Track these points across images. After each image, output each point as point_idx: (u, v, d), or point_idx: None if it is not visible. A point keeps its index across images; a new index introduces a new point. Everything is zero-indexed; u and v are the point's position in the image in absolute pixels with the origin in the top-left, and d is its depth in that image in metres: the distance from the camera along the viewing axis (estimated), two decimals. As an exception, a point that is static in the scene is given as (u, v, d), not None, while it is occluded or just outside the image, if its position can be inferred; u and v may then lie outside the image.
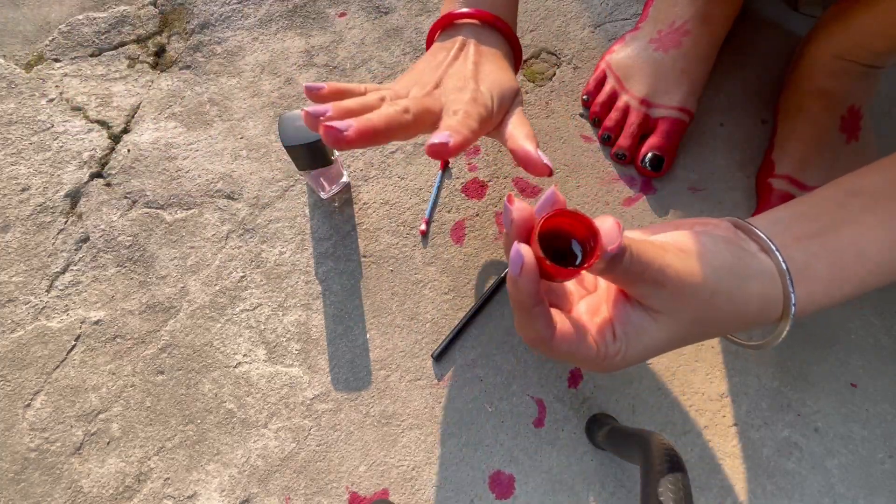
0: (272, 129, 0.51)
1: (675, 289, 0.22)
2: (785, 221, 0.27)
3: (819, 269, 0.25)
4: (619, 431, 0.38)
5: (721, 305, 0.24)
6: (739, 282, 0.24)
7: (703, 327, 0.24)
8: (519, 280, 0.21)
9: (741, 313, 0.25)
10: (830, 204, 0.27)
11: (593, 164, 0.51)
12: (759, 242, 0.26)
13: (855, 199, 0.27)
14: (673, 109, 0.48)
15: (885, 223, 0.26)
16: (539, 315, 0.22)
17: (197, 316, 0.46)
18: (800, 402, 0.45)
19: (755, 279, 0.24)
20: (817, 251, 0.25)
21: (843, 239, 0.26)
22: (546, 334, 0.23)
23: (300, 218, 0.49)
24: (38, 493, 0.42)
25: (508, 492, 0.42)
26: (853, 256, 0.25)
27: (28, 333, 0.46)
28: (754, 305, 0.24)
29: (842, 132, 0.47)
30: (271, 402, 0.44)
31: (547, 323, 0.23)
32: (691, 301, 0.23)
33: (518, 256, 0.21)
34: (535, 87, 0.53)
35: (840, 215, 0.26)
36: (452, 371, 0.45)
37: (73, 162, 0.50)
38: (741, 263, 0.24)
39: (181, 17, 0.55)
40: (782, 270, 0.25)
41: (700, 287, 0.23)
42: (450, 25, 0.37)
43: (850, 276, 0.26)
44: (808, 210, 0.27)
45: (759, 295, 0.24)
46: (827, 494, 0.43)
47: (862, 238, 0.26)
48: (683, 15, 0.49)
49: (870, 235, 0.26)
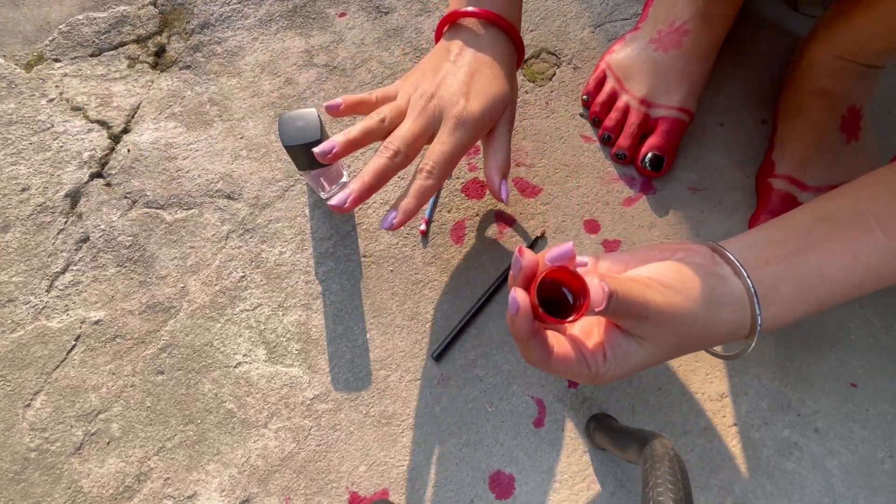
0: (272, 129, 0.51)
1: (657, 321, 0.26)
2: (758, 245, 0.30)
3: (783, 291, 0.28)
4: (619, 431, 0.38)
5: (697, 331, 0.27)
6: (715, 309, 0.27)
7: (681, 349, 0.28)
8: (515, 320, 0.25)
9: (715, 335, 0.28)
10: (800, 229, 0.30)
11: (593, 164, 0.51)
12: (732, 267, 0.29)
13: (822, 225, 0.30)
14: (673, 109, 0.48)
15: (846, 248, 0.28)
16: (535, 345, 0.26)
17: (197, 316, 0.46)
18: (800, 402, 0.45)
19: (728, 307, 0.28)
20: (783, 274, 0.28)
21: (808, 262, 0.29)
22: (543, 358, 0.26)
23: (300, 218, 0.49)
24: (38, 493, 0.42)
25: (508, 492, 0.42)
26: (816, 279, 0.28)
27: (28, 333, 0.46)
28: (726, 328, 0.28)
29: (842, 132, 0.47)
30: (271, 402, 0.44)
31: (543, 350, 0.26)
32: (672, 329, 0.26)
33: (514, 302, 0.25)
34: (535, 87, 0.53)
35: (807, 240, 0.29)
36: (452, 371, 0.45)
37: (73, 162, 0.50)
38: (716, 292, 0.27)
39: (181, 17, 0.55)
40: (751, 294, 0.28)
41: (679, 318, 0.26)
42: (455, 23, 0.39)
43: (812, 297, 0.29)
44: (779, 234, 0.30)
45: (730, 320, 0.28)
46: (827, 494, 0.43)
47: (824, 262, 0.28)
48: (683, 15, 0.49)
49: (831, 259, 0.28)
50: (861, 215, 0.29)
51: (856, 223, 0.29)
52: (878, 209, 0.29)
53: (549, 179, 0.50)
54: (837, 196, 0.31)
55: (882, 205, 0.29)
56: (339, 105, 0.37)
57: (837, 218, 0.30)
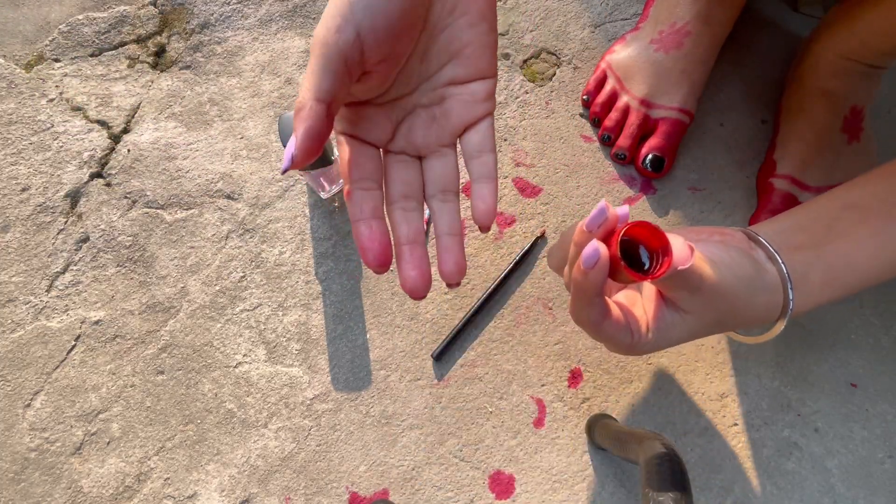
0: (272, 129, 0.51)
1: (708, 295, 0.26)
2: (787, 231, 0.31)
3: (813, 277, 0.29)
4: (619, 431, 0.38)
5: (738, 310, 0.28)
6: (755, 292, 0.28)
7: (719, 326, 0.28)
8: (590, 273, 0.24)
9: (752, 316, 0.29)
10: (828, 217, 0.31)
11: (593, 164, 0.51)
12: (766, 252, 0.29)
13: (848, 213, 0.30)
14: (673, 110, 0.48)
15: (874, 236, 0.29)
16: (597, 303, 0.25)
17: (197, 316, 0.46)
18: (800, 402, 0.45)
19: (766, 291, 0.28)
20: (813, 261, 0.29)
21: (837, 250, 0.29)
22: (598, 319, 0.26)
23: (300, 218, 0.49)
24: (38, 493, 0.42)
25: (508, 492, 0.42)
26: (843, 266, 0.29)
27: (28, 333, 0.46)
28: (761, 310, 0.28)
29: (844, 132, 0.47)
30: (271, 402, 0.44)
31: (602, 309, 0.26)
32: (718, 306, 0.27)
33: (595, 252, 0.23)
34: (535, 87, 0.53)
35: (835, 228, 0.30)
36: (452, 371, 0.45)
37: (73, 162, 0.50)
38: (757, 275, 0.28)
39: (181, 17, 0.55)
40: (785, 279, 0.29)
41: (728, 295, 0.27)
42: None
43: (840, 283, 0.30)
44: (807, 221, 0.31)
45: (766, 303, 0.28)
46: (827, 494, 0.43)
47: (852, 249, 0.29)
48: (685, 16, 0.48)
49: (859, 247, 0.29)
50: (887, 203, 0.30)
51: (881, 211, 0.30)
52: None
53: (549, 179, 0.50)
54: (862, 184, 0.32)
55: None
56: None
57: (864, 205, 0.30)
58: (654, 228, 0.23)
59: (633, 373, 0.45)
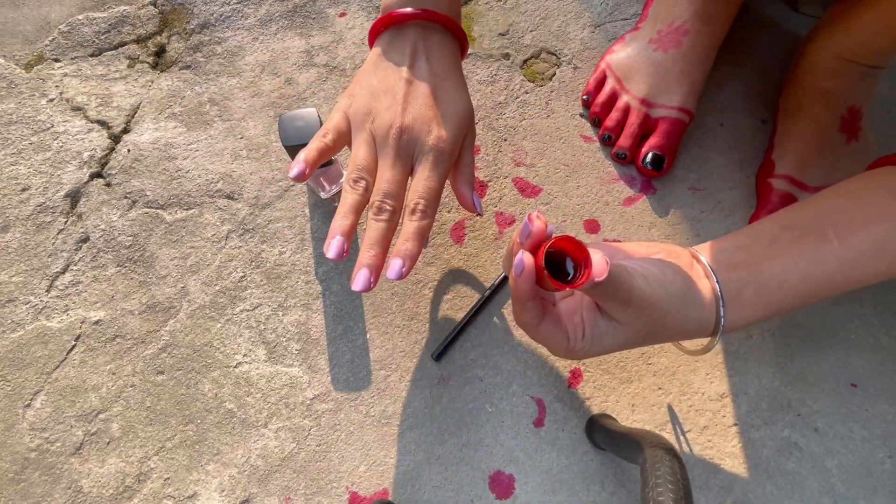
0: (272, 129, 0.51)
1: (638, 307, 0.28)
2: (728, 251, 0.32)
3: (746, 296, 0.30)
4: (619, 431, 0.38)
5: (668, 323, 0.29)
6: (686, 307, 0.30)
7: (650, 337, 0.30)
8: (518, 280, 0.27)
9: (682, 330, 0.30)
10: (766, 237, 0.32)
11: (593, 164, 0.51)
12: (704, 270, 0.31)
13: (785, 234, 0.31)
14: (673, 109, 0.48)
15: (805, 257, 0.30)
16: (531, 308, 0.29)
17: (197, 316, 0.46)
18: (800, 402, 0.45)
19: (697, 306, 0.30)
20: (747, 280, 0.30)
21: (770, 269, 0.30)
22: (533, 322, 0.29)
23: (300, 218, 0.49)
24: (38, 493, 0.42)
25: (508, 492, 0.42)
26: (776, 286, 0.30)
27: (28, 333, 0.46)
28: (693, 325, 0.30)
29: (842, 132, 0.47)
30: (271, 402, 0.44)
31: (536, 314, 0.29)
32: (648, 318, 0.29)
33: (520, 262, 0.26)
34: (535, 87, 0.53)
35: (772, 249, 0.31)
36: (452, 371, 0.45)
37: (73, 162, 0.50)
38: (690, 292, 0.30)
39: (181, 17, 0.55)
40: (717, 297, 0.30)
41: (656, 309, 0.28)
42: (394, 26, 0.36)
43: (771, 302, 0.31)
44: (747, 241, 0.32)
45: (697, 318, 0.30)
46: (827, 494, 0.43)
47: (785, 269, 0.30)
48: (683, 14, 0.49)
49: (791, 267, 0.30)
50: (821, 225, 0.31)
51: (815, 232, 0.31)
52: (835, 219, 0.31)
53: (549, 179, 0.50)
54: (803, 207, 0.33)
55: (840, 215, 0.31)
56: (304, 170, 0.34)
57: (800, 227, 0.31)
58: (577, 243, 0.25)
59: (633, 373, 0.45)
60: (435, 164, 0.34)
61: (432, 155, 0.34)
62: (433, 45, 0.36)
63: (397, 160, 0.34)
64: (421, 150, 0.35)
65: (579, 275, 0.25)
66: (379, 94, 0.35)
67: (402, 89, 0.35)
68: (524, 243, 0.27)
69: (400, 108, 0.34)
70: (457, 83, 0.37)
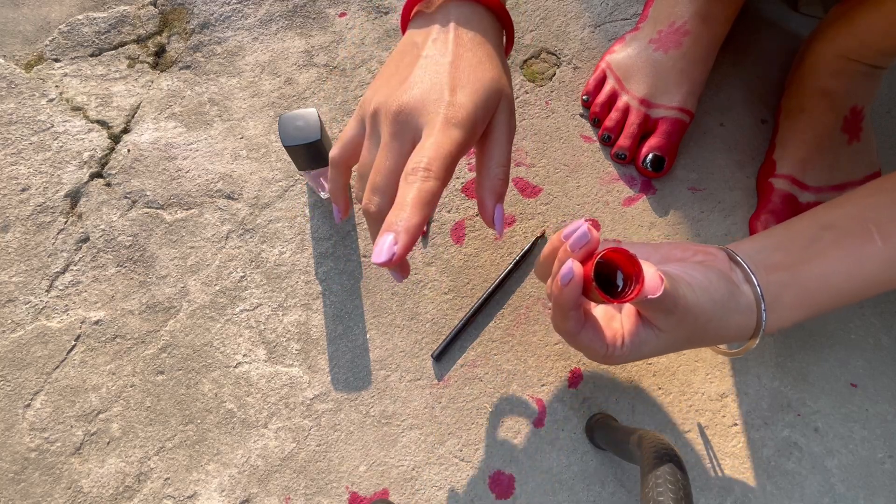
0: (272, 129, 0.51)
1: (681, 316, 0.27)
2: (766, 251, 0.31)
3: (787, 298, 0.30)
4: (619, 431, 0.38)
5: (711, 330, 0.29)
6: (729, 313, 0.29)
7: (690, 343, 0.30)
8: (565, 289, 0.26)
9: (723, 336, 0.30)
10: (805, 237, 0.31)
11: (593, 164, 0.51)
12: (744, 273, 0.30)
13: (826, 233, 0.31)
14: (673, 109, 0.48)
15: (848, 256, 0.30)
16: (573, 317, 0.28)
17: (197, 316, 0.46)
18: (800, 402, 0.45)
19: (739, 313, 0.29)
20: (788, 282, 0.30)
21: (813, 271, 0.30)
22: (574, 330, 0.28)
23: (300, 218, 0.49)
24: (38, 493, 0.42)
25: (508, 492, 0.42)
26: (818, 287, 0.30)
27: (28, 333, 0.46)
28: (734, 330, 0.30)
29: (844, 132, 0.47)
30: (271, 402, 0.44)
31: (578, 321, 0.28)
32: (691, 326, 0.28)
33: (569, 272, 0.25)
34: (535, 87, 0.53)
35: (812, 249, 0.31)
36: (452, 371, 0.45)
37: (73, 162, 0.50)
38: (732, 298, 0.29)
39: (181, 17, 0.55)
40: (759, 300, 0.30)
41: (700, 317, 0.28)
42: (428, 4, 0.31)
43: (814, 303, 0.30)
44: (785, 241, 0.32)
45: (739, 323, 0.30)
46: (827, 494, 0.42)
47: (826, 271, 0.30)
48: (683, 15, 0.48)
49: (833, 268, 0.30)
50: (863, 224, 0.30)
51: (857, 232, 0.30)
52: (878, 218, 0.30)
53: (549, 179, 0.50)
54: (842, 204, 0.32)
55: (882, 214, 0.30)
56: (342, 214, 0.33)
57: (841, 226, 0.31)
58: (629, 256, 0.24)
59: (633, 373, 0.45)
60: (445, 126, 0.27)
61: (441, 118, 0.27)
62: (463, 20, 0.30)
63: (393, 142, 0.27)
64: (427, 121, 0.27)
65: (629, 289, 0.25)
66: (386, 75, 0.30)
67: (410, 65, 0.29)
68: (577, 253, 0.26)
69: (400, 84, 0.28)
70: (488, 54, 0.29)
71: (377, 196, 0.28)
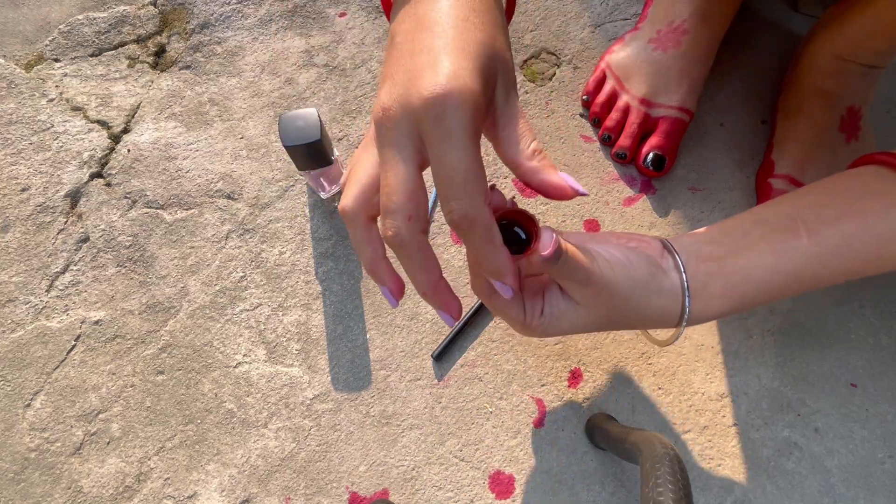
0: (272, 129, 0.51)
1: (596, 290, 0.28)
2: (699, 244, 0.32)
3: (713, 288, 0.30)
4: (619, 431, 0.38)
5: (628, 310, 0.29)
6: (648, 294, 0.29)
7: (611, 323, 0.30)
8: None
9: (643, 318, 0.30)
10: (738, 231, 0.32)
11: (593, 164, 0.51)
12: (674, 261, 0.31)
13: (757, 228, 0.31)
14: (673, 109, 0.48)
15: (774, 251, 0.30)
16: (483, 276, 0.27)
17: (197, 316, 0.46)
18: (800, 402, 0.45)
19: (661, 295, 0.30)
20: (715, 272, 0.30)
21: (738, 263, 0.30)
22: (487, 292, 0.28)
23: (300, 218, 0.49)
24: (38, 493, 0.42)
25: (508, 492, 0.42)
26: (742, 279, 0.30)
27: (28, 333, 0.46)
28: (656, 313, 0.30)
29: (841, 132, 0.47)
30: (271, 402, 0.44)
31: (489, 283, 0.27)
32: (606, 302, 0.28)
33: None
34: (535, 87, 0.53)
35: (742, 242, 0.31)
36: (452, 371, 0.45)
37: (73, 162, 0.50)
38: (654, 280, 0.30)
39: (181, 17, 0.55)
40: (683, 287, 0.30)
41: (617, 293, 0.28)
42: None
43: (737, 295, 0.30)
44: (720, 234, 0.32)
45: (661, 307, 0.30)
46: (827, 494, 0.43)
47: (752, 263, 0.30)
48: (682, 14, 0.49)
49: (759, 261, 0.30)
50: (792, 221, 0.31)
51: (785, 227, 0.31)
52: (807, 215, 0.30)
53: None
54: (777, 202, 0.33)
55: (812, 212, 0.31)
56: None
57: (771, 222, 0.31)
58: (528, 216, 0.25)
59: (633, 373, 0.45)
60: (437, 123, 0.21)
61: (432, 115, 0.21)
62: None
63: (395, 153, 0.23)
64: (422, 117, 0.21)
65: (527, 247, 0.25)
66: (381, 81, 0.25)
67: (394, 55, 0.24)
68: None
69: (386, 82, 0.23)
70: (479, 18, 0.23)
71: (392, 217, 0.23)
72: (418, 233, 0.23)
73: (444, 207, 0.22)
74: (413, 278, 0.26)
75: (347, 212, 0.25)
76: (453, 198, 0.22)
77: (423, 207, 0.23)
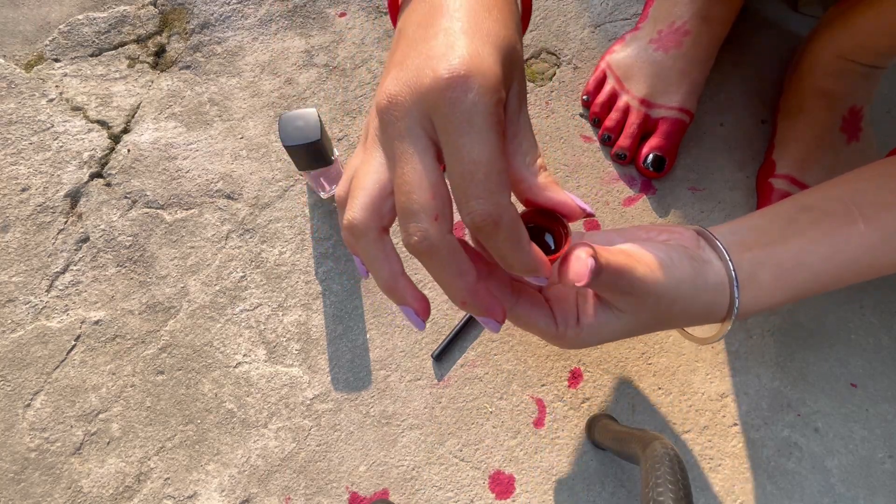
0: (272, 129, 0.51)
1: (641, 297, 0.25)
2: (742, 232, 0.29)
3: (762, 278, 0.28)
4: (619, 431, 0.38)
5: (676, 311, 0.27)
6: (695, 292, 0.27)
7: (656, 325, 0.28)
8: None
9: (691, 317, 0.28)
10: (783, 218, 0.30)
11: (593, 164, 0.51)
12: (716, 251, 0.28)
13: (805, 214, 0.29)
14: (673, 109, 0.48)
15: (826, 237, 0.28)
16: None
17: (197, 316, 0.46)
18: (800, 402, 0.45)
19: (708, 290, 0.27)
20: (763, 260, 0.28)
21: (789, 250, 0.28)
22: (512, 300, 0.25)
23: (300, 218, 0.49)
24: (38, 493, 0.42)
25: (508, 492, 0.42)
26: (794, 267, 0.28)
27: (28, 333, 0.46)
28: (704, 310, 0.28)
29: (842, 132, 0.47)
30: (271, 402, 0.44)
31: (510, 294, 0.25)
32: (653, 307, 0.26)
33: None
34: (535, 87, 0.53)
35: (789, 229, 0.29)
36: (452, 371, 0.45)
37: (73, 162, 0.50)
38: (699, 276, 0.27)
39: (181, 17, 0.55)
40: (731, 278, 0.27)
41: (662, 297, 0.25)
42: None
43: (790, 285, 0.28)
44: (762, 222, 0.30)
45: (709, 302, 0.27)
46: (827, 494, 0.43)
47: (804, 250, 0.28)
48: (683, 15, 0.48)
49: (811, 248, 0.28)
50: (845, 206, 0.29)
51: (838, 213, 0.29)
52: (861, 201, 0.28)
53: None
54: (824, 188, 0.31)
55: (866, 197, 0.29)
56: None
57: (821, 207, 0.29)
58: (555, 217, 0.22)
59: (633, 373, 0.45)
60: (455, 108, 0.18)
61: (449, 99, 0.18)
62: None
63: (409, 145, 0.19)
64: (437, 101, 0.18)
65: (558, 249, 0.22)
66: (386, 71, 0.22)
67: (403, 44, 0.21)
68: None
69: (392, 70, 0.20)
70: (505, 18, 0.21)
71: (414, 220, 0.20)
72: (448, 233, 0.20)
73: (461, 208, 0.19)
74: (448, 287, 0.21)
75: (357, 225, 0.21)
76: (474, 196, 0.18)
77: (449, 204, 0.20)
